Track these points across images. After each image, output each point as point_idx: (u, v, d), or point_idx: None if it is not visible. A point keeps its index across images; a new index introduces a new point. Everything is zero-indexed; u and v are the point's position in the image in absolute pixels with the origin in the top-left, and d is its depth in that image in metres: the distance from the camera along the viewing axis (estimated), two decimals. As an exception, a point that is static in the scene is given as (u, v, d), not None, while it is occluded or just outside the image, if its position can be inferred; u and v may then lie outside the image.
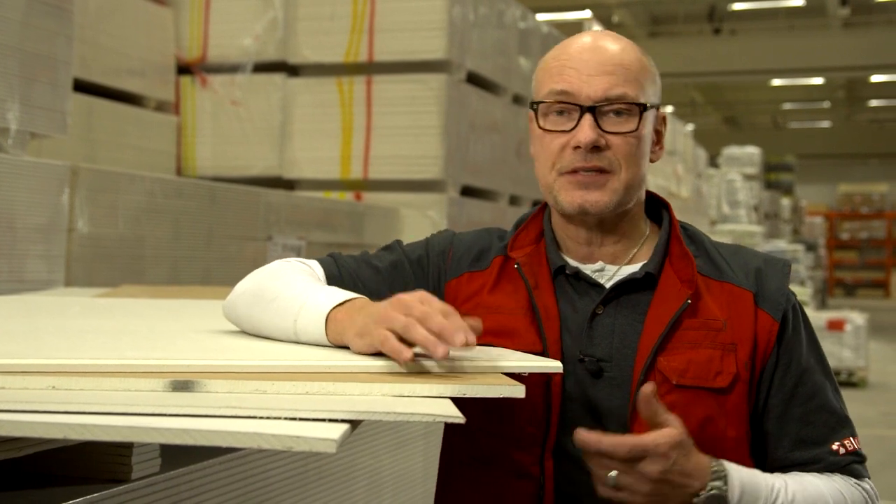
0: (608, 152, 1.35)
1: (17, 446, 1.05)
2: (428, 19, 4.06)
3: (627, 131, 1.35)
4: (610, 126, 1.35)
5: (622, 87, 1.35)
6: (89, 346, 1.24)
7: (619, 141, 1.35)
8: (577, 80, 1.35)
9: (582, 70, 1.36)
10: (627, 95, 1.35)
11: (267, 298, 1.32)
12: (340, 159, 4.19)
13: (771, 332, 1.36)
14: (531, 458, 1.34)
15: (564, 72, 1.37)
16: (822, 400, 1.38)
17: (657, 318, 1.34)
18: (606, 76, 1.35)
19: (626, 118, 1.36)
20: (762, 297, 1.37)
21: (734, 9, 17.03)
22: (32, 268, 2.44)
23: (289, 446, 0.86)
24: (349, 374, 1.10)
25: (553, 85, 1.37)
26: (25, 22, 2.47)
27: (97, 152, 3.81)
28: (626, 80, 1.36)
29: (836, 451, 1.37)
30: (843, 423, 1.39)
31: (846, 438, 1.38)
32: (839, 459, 1.37)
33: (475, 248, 1.48)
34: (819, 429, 1.37)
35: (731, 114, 26.11)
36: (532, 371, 1.22)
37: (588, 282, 1.40)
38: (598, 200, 1.35)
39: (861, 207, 27.09)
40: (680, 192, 9.32)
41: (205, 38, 4.44)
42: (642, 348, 1.33)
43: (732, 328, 1.34)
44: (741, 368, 1.34)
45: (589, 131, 1.33)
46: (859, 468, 1.38)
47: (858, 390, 9.35)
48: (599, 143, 1.34)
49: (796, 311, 1.40)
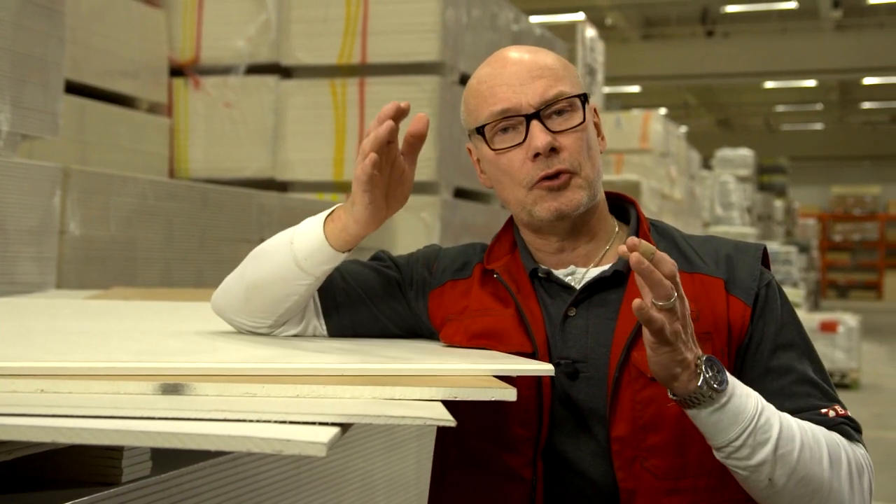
0: (564, 153, 1.35)
1: (7, 450, 1.05)
2: (421, 21, 4.06)
3: (576, 125, 1.36)
4: (557, 126, 1.36)
5: (556, 87, 1.36)
6: (79, 349, 1.24)
7: (570, 139, 1.36)
8: (511, 94, 1.36)
9: (513, 83, 1.37)
10: (564, 92, 1.36)
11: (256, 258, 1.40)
12: (333, 161, 4.18)
13: (744, 316, 1.35)
14: (523, 460, 1.35)
15: (498, 91, 1.37)
16: (801, 374, 1.34)
17: (628, 315, 1.34)
18: (538, 80, 1.36)
19: (569, 115, 1.37)
20: (733, 284, 1.37)
21: (727, 11, 17.07)
22: (24, 270, 2.43)
23: (278, 450, 0.86)
24: (339, 377, 1.09)
25: (490, 107, 1.37)
26: (17, 23, 2.46)
27: (89, 154, 3.80)
28: (556, 78, 1.37)
29: (825, 413, 1.32)
30: (829, 396, 1.34)
31: (836, 406, 1.33)
32: (829, 420, 1.32)
33: (459, 260, 1.50)
34: (803, 399, 1.33)
35: (724, 116, 26.17)
36: (524, 374, 1.22)
37: (559, 284, 1.40)
38: (570, 200, 1.36)
39: (854, 209, 27.17)
40: (673, 194, 9.33)
41: (197, 39, 4.44)
42: (615, 346, 1.33)
43: (706, 318, 1.34)
44: (718, 356, 1.32)
45: (542, 135, 1.34)
46: (851, 431, 1.33)
47: (851, 392, 9.37)
48: (555, 145, 1.35)
49: (771, 290, 1.38)
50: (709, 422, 1.21)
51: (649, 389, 1.30)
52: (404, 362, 1.18)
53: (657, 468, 1.30)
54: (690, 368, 1.18)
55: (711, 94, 23.15)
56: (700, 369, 1.18)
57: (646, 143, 8.90)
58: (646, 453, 1.30)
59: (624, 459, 1.31)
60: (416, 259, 1.53)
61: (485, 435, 1.38)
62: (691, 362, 1.18)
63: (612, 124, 8.71)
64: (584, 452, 1.33)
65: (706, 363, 1.19)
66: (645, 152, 8.82)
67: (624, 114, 9.48)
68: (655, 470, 1.30)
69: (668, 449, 1.30)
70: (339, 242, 1.33)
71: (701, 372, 1.18)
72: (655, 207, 7.85)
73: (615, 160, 8.66)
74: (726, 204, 12.65)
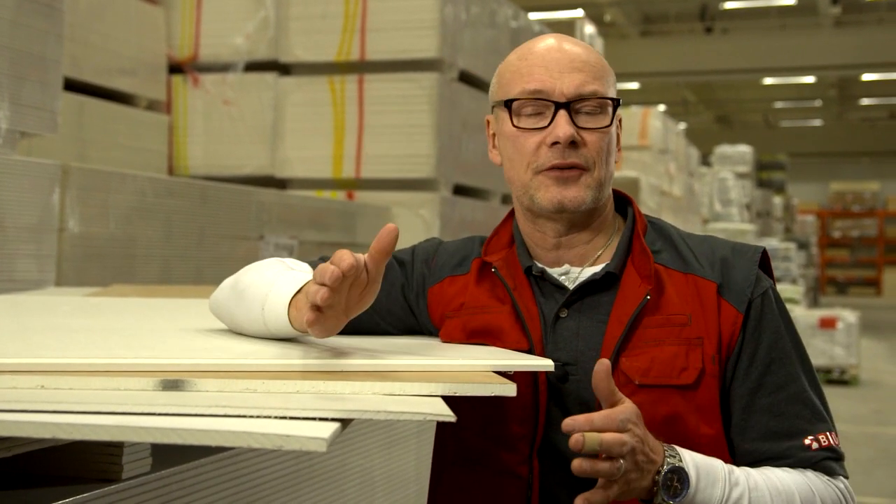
0: (583, 149, 1.35)
1: (7, 446, 1.05)
2: (420, 18, 4.06)
3: (602, 127, 1.36)
4: (584, 123, 1.36)
5: (593, 84, 1.36)
6: (79, 346, 1.24)
7: (593, 137, 1.36)
8: (548, 77, 1.36)
9: (552, 68, 1.36)
10: (599, 92, 1.36)
11: (239, 289, 1.35)
12: (332, 158, 4.18)
13: (735, 324, 1.33)
14: (519, 457, 1.34)
15: (534, 70, 1.37)
16: (794, 391, 1.33)
17: (618, 319, 1.33)
18: (577, 73, 1.36)
19: (598, 116, 1.36)
20: (726, 289, 1.35)
21: (726, 7, 17.06)
22: (23, 267, 2.43)
23: (279, 445, 0.86)
24: (340, 372, 1.09)
25: (525, 85, 1.37)
26: (15, 21, 2.46)
27: (88, 151, 3.80)
28: (595, 77, 1.37)
29: (808, 445, 1.31)
30: (819, 416, 1.33)
31: (821, 433, 1.32)
32: (811, 455, 1.31)
33: (458, 255, 1.49)
34: (790, 420, 1.32)
35: (723, 112, 26.16)
36: (523, 370, 1.22)
37: (553, 283, 1.40)
38: (575, 196, 1.35)
39: (853, 206, 27.17)
40: (672, 191, 9.33)
41: (196, 37, 4.44)
42: (604, 350, 1.32)
43: (698, 322, 1.33)
44: (707, 362, 1.32)
45: (566, 127, 1.34)
46: (833, 465, 1.33)
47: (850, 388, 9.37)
48: (576, 139, 1.34)
49: (767, 299, 1.36)
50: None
51: (638, 396, 1.29)
52: (404, 358, 1.18)
53: None
54: (648, 489, 1.19)
55: (710, 91, 23.14)
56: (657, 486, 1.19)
57: (645, 139, 8.90)
58: None
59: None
60: (416, 255, 1.52)
61: (483, 432, 1.38)
62: (648, 486, 1.19)
63: (610, 121, 8.70)
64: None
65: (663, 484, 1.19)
66: (644, 149, 8.82)
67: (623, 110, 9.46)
68: None
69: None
70: (299, 328, 1.24)
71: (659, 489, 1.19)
72: (654, 204, 7.85)
73: (614, 157, 8.65)
74: (725, 200, 12.64)
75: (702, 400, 1.32)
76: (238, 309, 1.34)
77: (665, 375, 1.31)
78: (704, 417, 1.32)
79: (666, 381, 1.31)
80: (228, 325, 1.40)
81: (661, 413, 1.29)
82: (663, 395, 1.31)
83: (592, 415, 1.15)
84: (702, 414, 1.32)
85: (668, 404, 1.31)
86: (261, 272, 1.34)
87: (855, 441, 6.66)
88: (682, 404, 1.31)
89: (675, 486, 1.19)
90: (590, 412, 1.31)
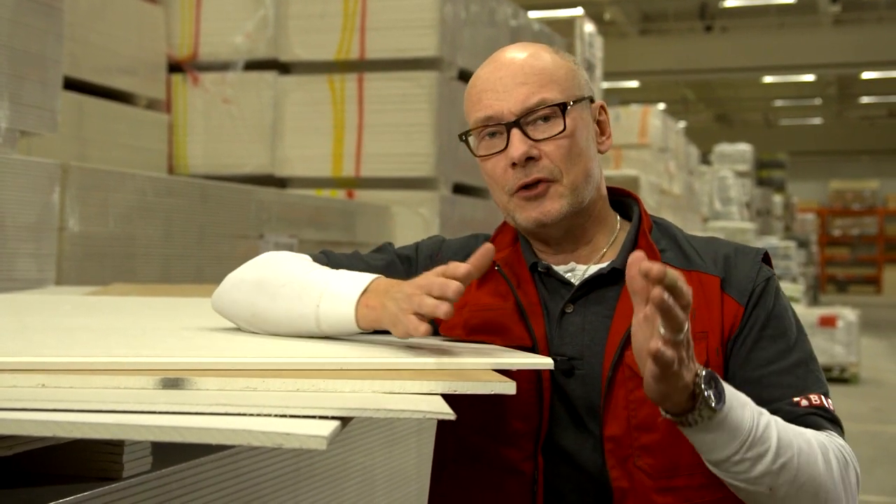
0: (544, 161, 1.35)
1: (8, 445, 1.05)
2: (419, 17, 4.06)
3: (556, 134, 1.35)
4: (540, 133, 1.35)
5: (539, 94, 1.35)
6: (79, 344, 1.24)
7: (551, 146, 1.35)
8: (495, 101, 1.36)
9: (498, 89, 1.36)
10: (546, 99, 1.35)
11: (275, 284, 1.32)
12: (332, 157, 4.18)
13: (736, 316, 1.34)
14: (523, 454, 1.35)
15: (483, 97, 1.37)
16: (785, 365, 1.32)
17: (624, 313, 1.33)
18: (521, 87, 1.35)
19: (552, 122, 1.36)
20: (729, 283, 1.35)
21: (725, 6, 17.06)
22: (23, 266, 2.43)
23: (279, 443, 0.86)
24: (340, 370, 1.10)
25: (476, 113, 1.38)
26: (15, 20, 2.46)
27: (88, 151, 3.80)
28: (541, 84, 1.36)
29: (796, 402, 1.28)
30: (812, 388, 1.30)
31: (813, 394, 1.29)
32: (796, 409, 1.28)
33: (461, 252, 1.49)
34: (779, 390, 1.30)
35: (722, 111, 26.15)
36: (523, 368, 1.22)
37: (558, 279, 1.40)
38: (550, 210, 1.35)
39: (852, 204, 27.18)
40: (672, 190, 9.33)
41: (196, 36, 4.44)
42: (610, 344, 1.33)
43: (702, 316, 1.33)
44: (712, 356, 1.32)
45: (518, 145, 1.34)
46: (821, 421, 1.28)
47: (850, 386, 9.38)
48: (532, 154, 1.34)
49: (768, 286, 1.36)
50: (705, 440, 1.16)
51: (643, 389, 1.30)
52: (404, 356, 1.18)
53: (651, 467, 1.30)
54: (689, 389, 1.12)
55: (710, 89, 23.14)
56: (699, 388, 1.12)
57: (644, 138, 8.90)
58: (639, 452, 1.30)
59: (617, 458, 1.30)
60: (420, 251, 1.52)
61: (484, 429, 1.38)
62: (689, 383, 1.11)
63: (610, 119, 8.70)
64: (582, 447, 1.33)
65: (705, 382, 1.12)
66: (643, 147, 8.82)
67: (622, 109, 9.48)
68: (649, 469, 1.30)
69: (662, 448, 1.29)
70: (367, 326, 1.27)
71: (700, 391, 1.12)
72: (654, 203, 7.86)
73: (614, 155, 8.66)
74: (725, 199, 12.64)
75: None
76: (274, 302, 1.32)
77: None
78: None
79: None
80: (247, 321, 1.37)
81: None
82: None
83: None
84: None
85: None
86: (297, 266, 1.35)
87: (855, 439, 6.65)
88: None
89: (714, 391, 1.12)
90: (594, 409, 1.32)
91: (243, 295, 1.36)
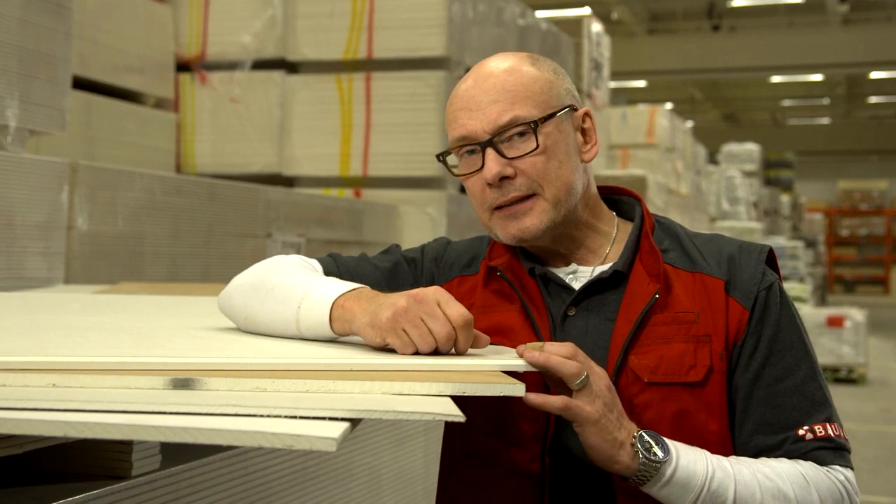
0: (520, 178, 1.34)
1: (18, 443, 1.05)
2: (427, 16, 4.06)
3: (529, 151, 1.34)
4: (514, 151, 1.34)
5: (510, 111, 1.34)
6: (89, 344, 1.24)
7: (526, 164, 1.34)
8: (469, 120, 1.35)
9: (472, 108, 1.36)
10: (518, 117, 1.34)
11: (266, 287, 1.33)
12: (340, 156, 4.19)
13: (741, 320, 1.33)
14: (530, 455, 1.35)
15: (458, 116, 1.37)
16: (793, 383, 1.32)
17: (627, 317, 1.34)
18: (493, 105, 1.34)
19: (527, 138, 1.35)
20: (733, 286, 1.35)
21: (733, 5, 17.02)
22: (32, 265, 2.44)
23: (289, 445, 0.86)
24: (349, 372, 1.10)
25: (452, 133, 1.38)
26: (24, 19, 2.47)
27: (96, 149, 3.81)
28: (514, 101, 1.34)
29: (801, 436, 1.30)
30: (818, 408, 1.32)
31: (818, 424, 1.30)
32: (803, 445, 1.30)
33: (466, 255, 1.50)
34: (786, 412, 1.31)
35: (730, 110, 26.10)
36: (530, 370, 1.22)
37: (558, 283, 1.40)
38: (529, 226, 1.35)
39: (860, 204, 27.10)
40: (679, 189, 9.31)
41: (204, 35, 4.44)
42: (613, 348, 1.33)
43: (706, 319, 1.33)
44: (716, 360, 1.32)
45: (492, 165, 1.34)
46: (825, 455, 1.30)
47: (858, 387, 9.35)
48: (507, 173, 1.34)
49: (771, 292, 1.35)
50: (660, 496, 1.22)
51: (646, 394, 1.30)
52: (413, 358, 1.18)
53: None
54: (626, 447, 1.20)
55: (718, 89, 23.09)
56: (636, 446, 1.20)
57: (652, 137, 8.88)
58: None
59: None
60: (425, 254, 1.53)
61: (491, 430, 1.38)
62: (625, 441, 1.20)
63: (617, 119, 8.70)
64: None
65: (639, 439, 1.20)
66: (651, 147, 8.80)
67: (630, 108, 9.46)
68: None
69: None
70: (341, 331, 1.26)
71: (637, 449, 1.20)
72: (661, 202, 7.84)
73: (621, 155, 8.65)
74: (732, 199, 12.62)
75: (710, 397, 1.32)
76: (264, 305, 1.33)
77: (673, 373, 1.31)
78: (713, 414, 1.32)
79: (674, 378, 1.31)
80: (242, 323, 1.39)
81: (669, 410, 1.30)
82: (672, 392, 1.31)
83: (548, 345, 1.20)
84: (710, 411, 1.32)
85: (676, 402, 1.31)
86: (289, 271, 1.35)
87: (862, 440, 6.64)
88: (691, 402, 1.31)
89: (654, 447, 1.20)
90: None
91: (240, 297, 1.38)
